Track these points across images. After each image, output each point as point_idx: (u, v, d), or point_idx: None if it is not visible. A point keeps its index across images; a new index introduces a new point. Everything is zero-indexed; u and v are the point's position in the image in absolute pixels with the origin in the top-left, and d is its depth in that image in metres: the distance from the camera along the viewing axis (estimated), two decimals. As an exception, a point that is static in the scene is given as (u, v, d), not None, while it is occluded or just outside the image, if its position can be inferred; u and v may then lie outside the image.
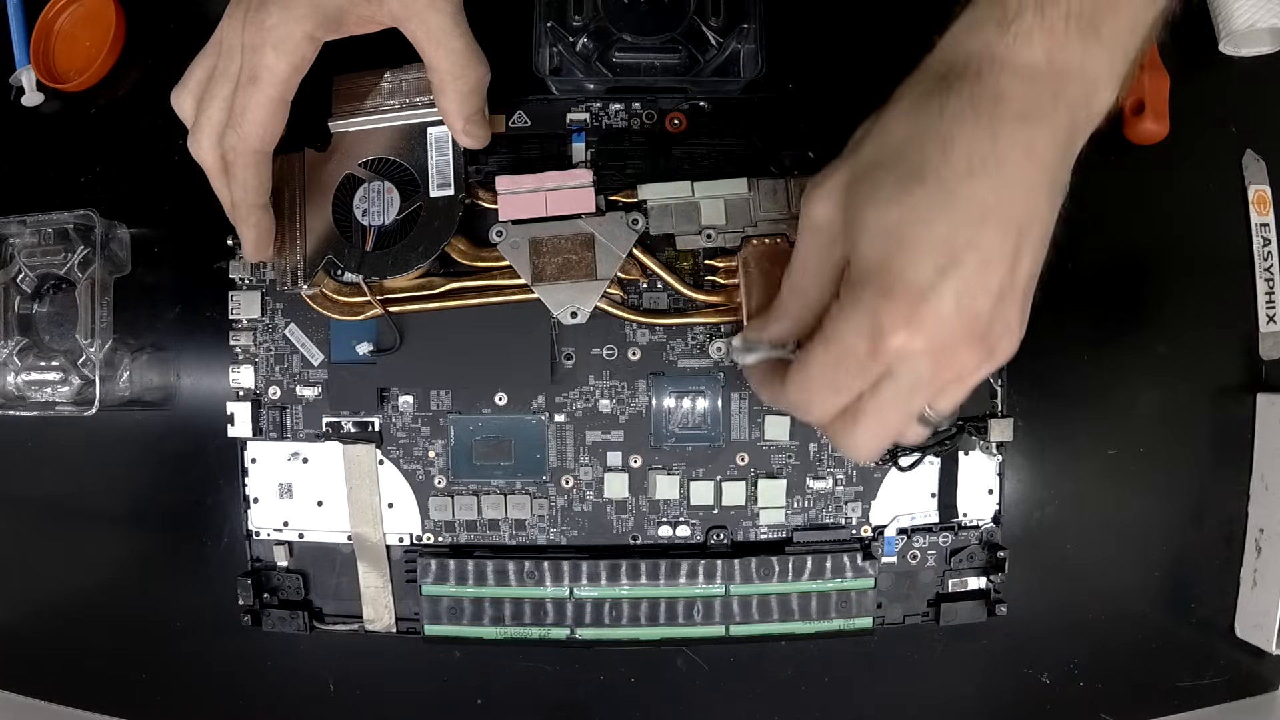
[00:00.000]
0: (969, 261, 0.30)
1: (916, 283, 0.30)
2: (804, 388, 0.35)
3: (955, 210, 0.30)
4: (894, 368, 0.32)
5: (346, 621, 0.49)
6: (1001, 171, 0.30)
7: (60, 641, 0.52)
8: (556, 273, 0.45)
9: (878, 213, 0.31)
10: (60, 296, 0.49)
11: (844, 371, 0.33)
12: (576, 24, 0.46)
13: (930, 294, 0.30)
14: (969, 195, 0.30)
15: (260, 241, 0.43)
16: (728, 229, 0.46)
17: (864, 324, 0.31)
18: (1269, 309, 0.50)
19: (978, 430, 0.47)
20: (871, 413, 0.34)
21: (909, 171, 0.31)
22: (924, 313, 0.30)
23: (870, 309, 0.31)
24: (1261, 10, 0.47)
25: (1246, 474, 0.50)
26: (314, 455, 0.48)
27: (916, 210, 0.31)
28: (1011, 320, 0.32)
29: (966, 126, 0.31)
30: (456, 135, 0.43)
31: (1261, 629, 0.49)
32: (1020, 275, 0.31)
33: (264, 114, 0.38)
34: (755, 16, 0.46)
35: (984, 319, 0.31)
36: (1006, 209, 0.31)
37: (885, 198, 0.31)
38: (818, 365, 0.34)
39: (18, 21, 0.52)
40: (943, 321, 0.30)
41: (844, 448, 0.36)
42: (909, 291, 0.30)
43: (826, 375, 0.34)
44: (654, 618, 0.47)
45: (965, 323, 0.31)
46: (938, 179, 0.30)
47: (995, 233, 0.30)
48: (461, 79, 0.40)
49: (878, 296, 0.31)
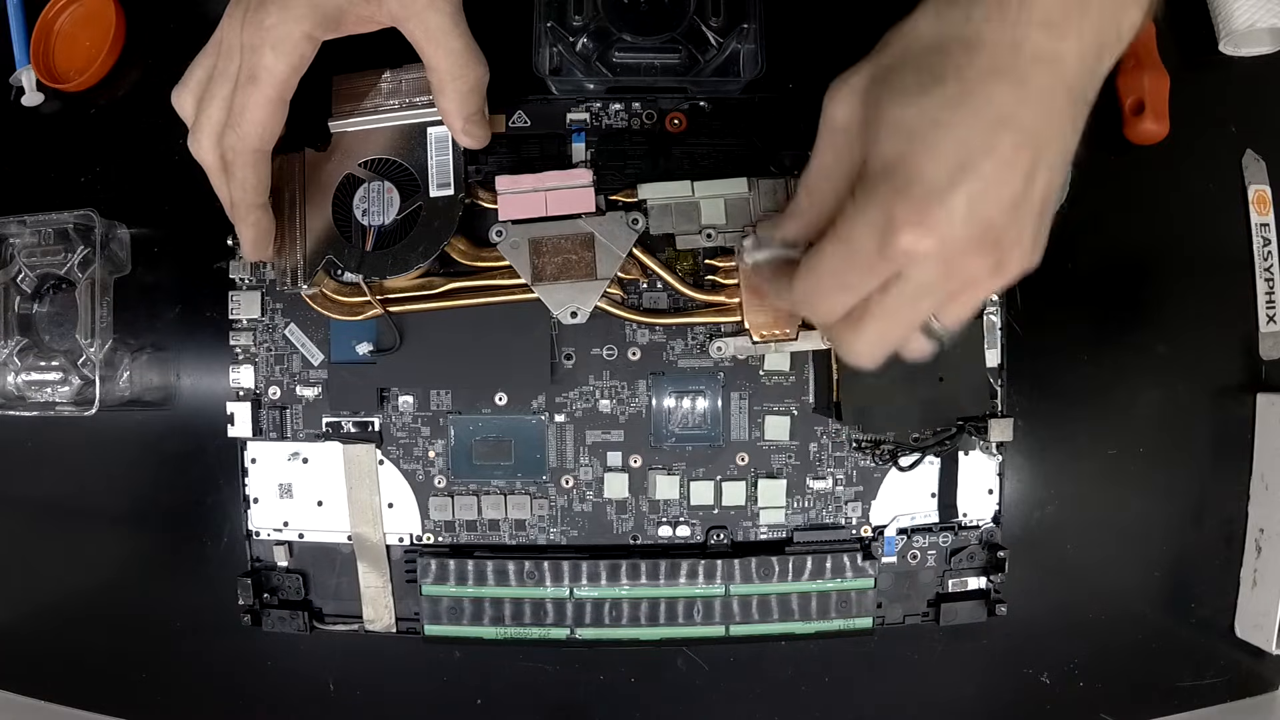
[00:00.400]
0: (984, 167, 0.30)
1: (931, 182, 0.30)
2: (812, 283, 0.34)
3: (975, 114, 0.30)
4: (904, 269, 0.32)
5: (346, 621, 0.49)
6: (1024, 80, 0.30)
7: (60, 641, 0.52)
8: (556, 272, 0.45)
9: (897, 110, 0.31)
10: (60, 296, 0.49)
11: (854, 268, 0.33)
12: (576, 24, 0.46)
13: (944, 195, 0.30)
14: (989, 100, 0.30)
15: (259, 241, 0.43)
16: (728, 229, 0.46)
17: (876, 221, 0.31)
18: (1269, 309, 0.50)
19: (978, 430, 0.47)
20: (877, 315, 0.33)
21: (931, 72, 0.31)
22: (936, 213, 0.30)
23: (883, 206, 0.31)
24: (1261, 10, 0.47)
25: (1246, 474, 0.50)
26: (314, 455, 0.48)
27: (936, 110, 0.30)
28: (1025, 235, 0.32)
29: (992, 30, 0.30)
30: (456, 135, 0.43)
31: (1261, 629, 0.49)
32: (1036, 190, 0.31)
33: (263, 113, 0.38)
34: (755, 16, 0.46)
35: (996, 227, 0.31)
36: (1026, 119, 0.30)
37: (905, 96, 0.31)
38: (828, 261, 0.33)
39: (18, 21, 0.52)
40: (954, 224, 0.30)
41: (847, 351, 0.36)
42: (923, 190, 0.30)
43: (836, 271, 0.33)
44: (654, 618, 0.47)
45: (976, 228, 0.30)
46: (959, 80, 0.30)
47: (1013, 142, 0.30)
48: (461, 79, 0.40)
49: (891, 194, 0.31)
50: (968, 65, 0.30)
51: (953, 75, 0.30)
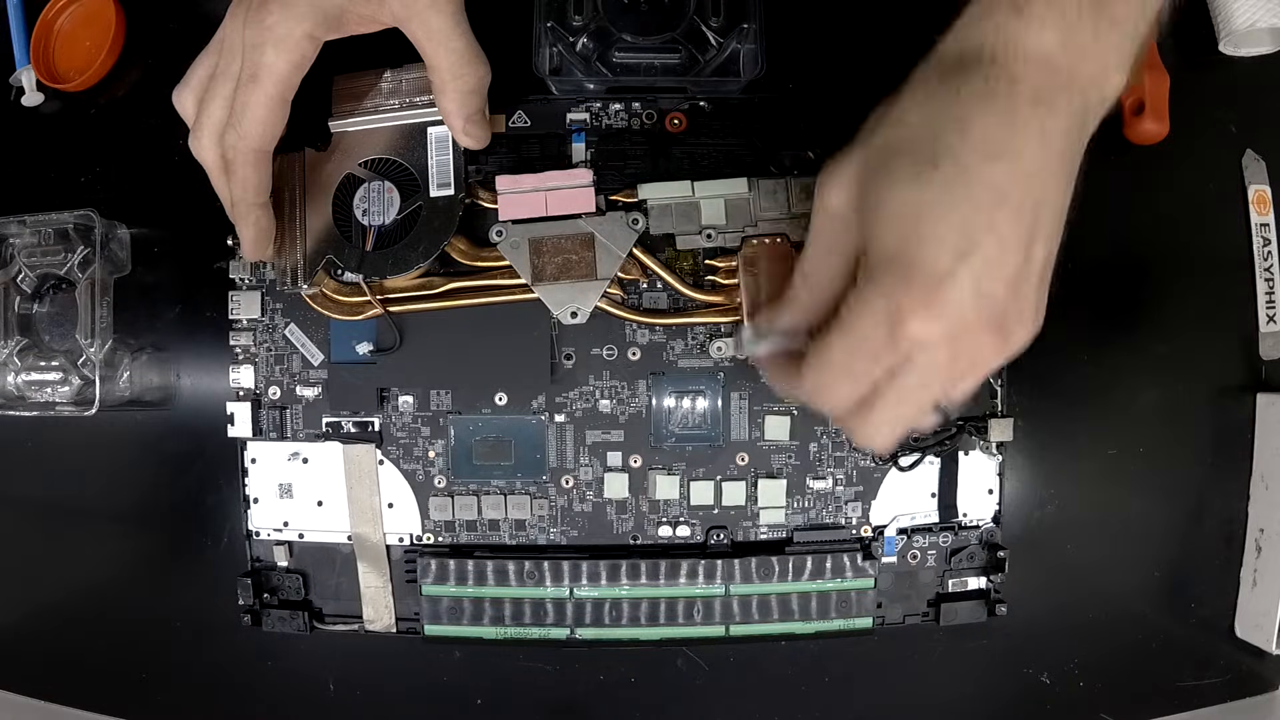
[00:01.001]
0: (986, 247, 0.30)
1: (935, 268, 0.30)
2: (821, 376, 0.35)
3: (972, 195, 0.30)
4: (912, 355, 0.32)
5: (346, 621, 0.49)
6: (1017, 156, 0.30)
7: (60, 641, 0.51)
8: (556, 272, 0.45)
9: (894, 198, 0.31)
10: (60, 296, 0.49)
11: (862, 359, 0.33)
12: (576, 24, 0.46)
13: (948, 280, 0.30)
14: (985, 180, 0.30)
15: (259, 240, 0.43)
16: (728, 229, 0.46)
17: (882, 311, 0.31)
18: (1269, 309, 0.50)
19: (978, 430, 0.47)
20: (888, 402, 0.34)
21: (925, 156, 0.31)
22: (942, 299, 0.30)
23: (888, 296, 0.31)
24: (1261, 10, 0.47)
25: (1246, 474, 0.50)
26: (314, 455, 0.48)
27: (933, 195, 0.31)
28: (1027, 308, 0.32)
29: (982, 110, 0.31)
30: (456, 135, 0.43)
31: (1261, 629, 0.49)
32: (1035, 261, 0.31)
33: (264, 112, 0.38)
34: (755, 16, 0.46)
35: (1000, 305, 0.31)
36: (1022, 194, 0.31)
37: (901, 183, 0.31)
38: (836, 353, 0.34)
39: (18, 21, 0.52)
40: (961, 308, 0.30)
41: (860, 438, 0.36)
42: (927, 277, 0.30)
43: (844, 363, 0.34)
44: (654, 618, 0.47)
45: (983, 309, 0.31)
46: (954, 162, 0.31)
47: (1011, 218, 0.30)
48: (462, 79, 0.40)
49: (896, 283, 0.31)
50: (960, 146, 0.31)
51: (947, 158, 0.31)
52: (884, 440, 0.35)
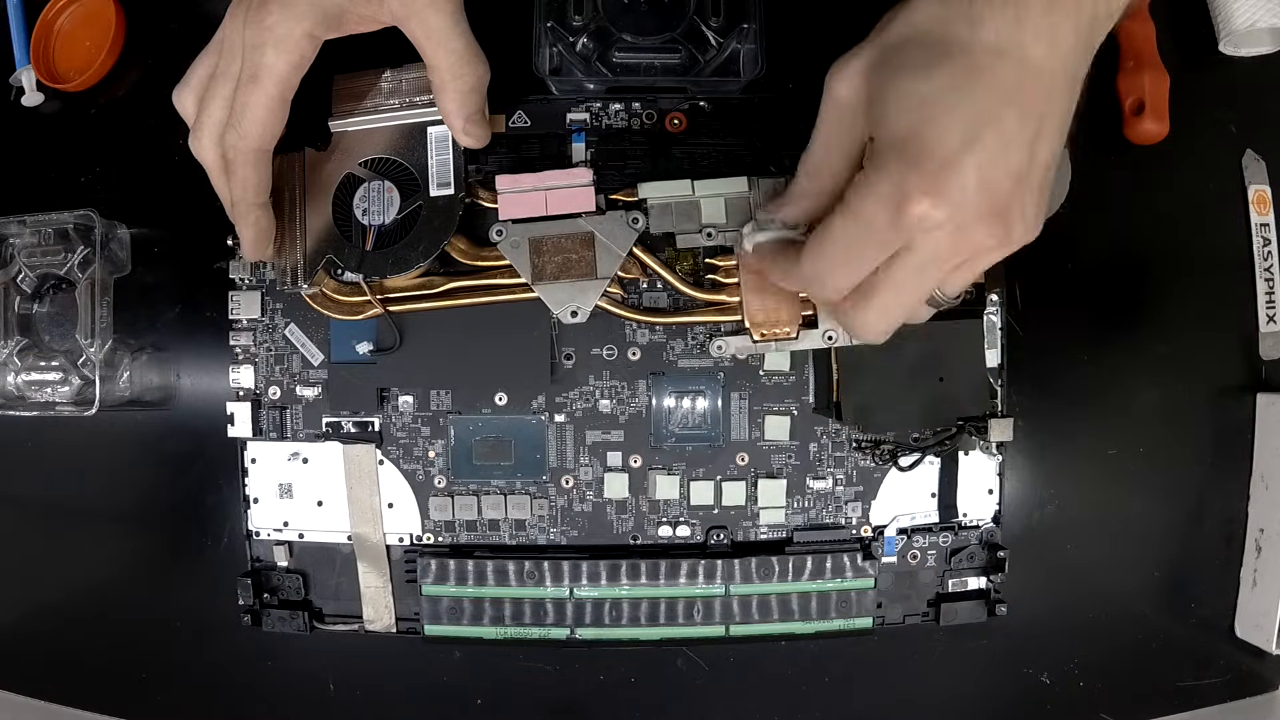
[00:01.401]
0: (992, 138, 0.31)
1: (942, 152, 0.31)
2: (821, 259, 0.35)
3: (980, 88, 0.31)
4: (914, 239, 0.33)
5: (346, 621, 0.49)
6: (1025, 56, 0.31)
7: (60, 641, 0.51)
8: (556, 272, 0.45)
9: (905, 87, 0.32)
10: (60, 296, 0.49)
11: (865, 241, 0.33)
12: (576, 24, 0.46)
13: (954, 165, 0.31)
14: (994, 75, 0.31)
15: (259, 240, 0.43)
16: (728, 228, 0.45)
17: (887, 193, 0.32)
18: (1269, 309, 0.50)
19: (978, 430, 0.47)
20: (886, 288, 0.34)
21: (937, 49, 0.32)
22: (947, 182, 0.31)
23: (895, 178, 0.32)
24: (1261, 10, 0.47)
25: (1246, 474, 0.50)
26: (314, 455, 0.48)
27: (943, 85, 0.31)
28: (1030, 205, 0.32)
29: (994, 12, 0.31)
30: (456, 135, 0.43)
31: (1261, 629, 0.49)
32: (1039, 162, 0.32)
33: (264, 112, 0.38)
34: (755, 16, 0.46)
35: (1004, 197, 0.32)
36: (1028, 93, 0.31)
37: (912, 72, 0.32)
38: (838, 235, 0.34)
39: (18, 21, 0.52)
40: (965, 193, 0.31)
41: (855, 326, 0.37)
42: (934, 161, 0.31)
43: (846, 246, 0.34)
44: (654, 618, 0.47)
45: (986, 197, 0.31)
46: (965, 56, 0.31)
47: (1017, 115, 0.31)
48: (461, 78, 0.40)
49: (903, 165, 0.31)
50: (973, 43, 0.31)
51: (959, 52, 0.31)
52: (879, 329, 0.36)
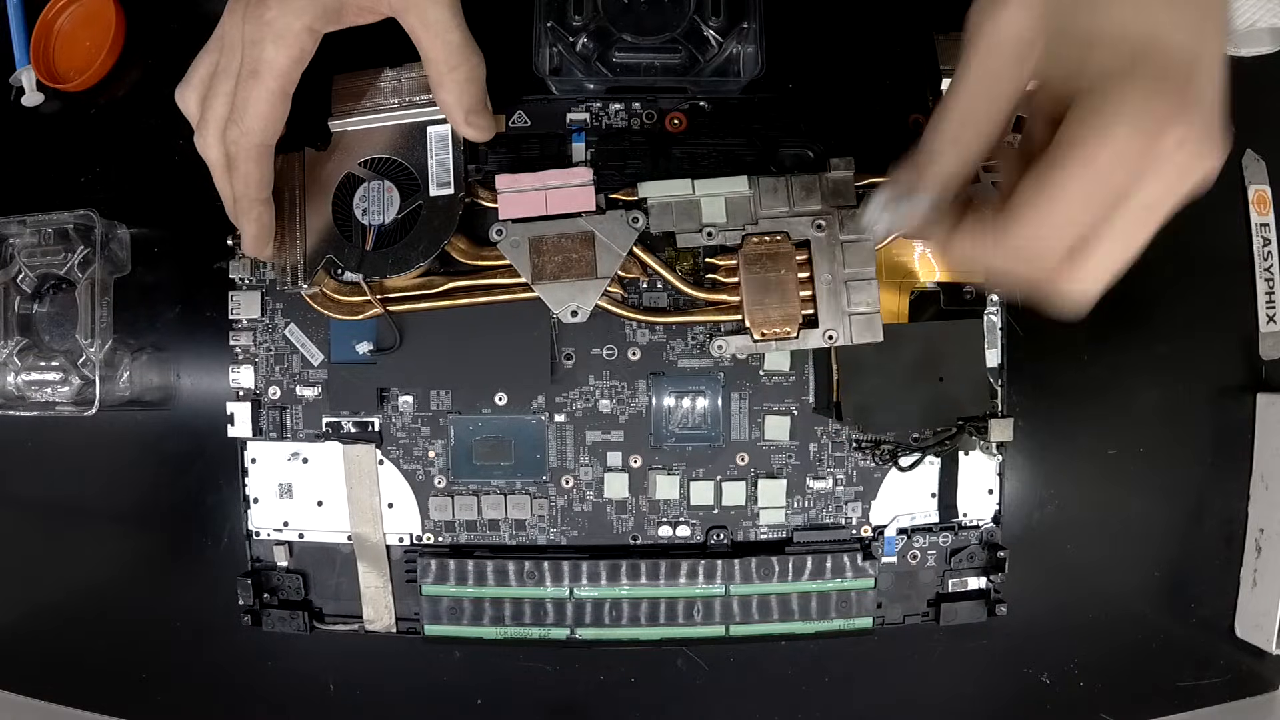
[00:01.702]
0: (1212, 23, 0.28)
1: (1182, 60, 0.27)
2: (1047, 221, 0.30)
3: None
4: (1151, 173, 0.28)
5: (346, 621, 0.49)
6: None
7: (60, 641, 0.51)
8: (557, 271, 0.45)
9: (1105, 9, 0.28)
10: (60, 296, 0.49)
11: (1104, 190, 0.29)
12: (576, 24, 0.46)
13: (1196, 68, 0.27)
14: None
15: (260, 236, 0.43)
16: (728, 227, 0.45)
17: (1132, 127, 0.27)
18: (1269, 309, 0.50)
19: (978, 430, 0.47)
20: (1112, 236, 0.30)
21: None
22: (1198, 91, 0.27)
23: (1138, 106, 0.27)
24: (1261, 10, 0.47)
25: (1246, 474, 0.50)
26: (314, 455, 0.48)
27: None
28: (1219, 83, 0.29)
29: None
30: (459, 127, 0.42)
31: (1261, 629, 0.49)
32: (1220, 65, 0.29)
33: (265, 107, 0.38)
34: (755, 16, 0.46)
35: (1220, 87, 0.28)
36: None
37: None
38: (1067, 189, 0.29)
39: (18, 21, 0.52)
40: (1209, 97, 0.28)
41: (1069, 291, 0.31)
42: (1178, 73, 0.27)
43: (1082, 199, 0.29)
44: (654, 618, 0.47)
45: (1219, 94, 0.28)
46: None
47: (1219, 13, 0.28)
48: (458, 69, 0.40)
49: (1144, 89, 0.27)
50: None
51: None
52: (1097, 289, 0.31)
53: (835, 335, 0.43)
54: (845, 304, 0.43)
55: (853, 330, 0.43)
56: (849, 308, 0.43)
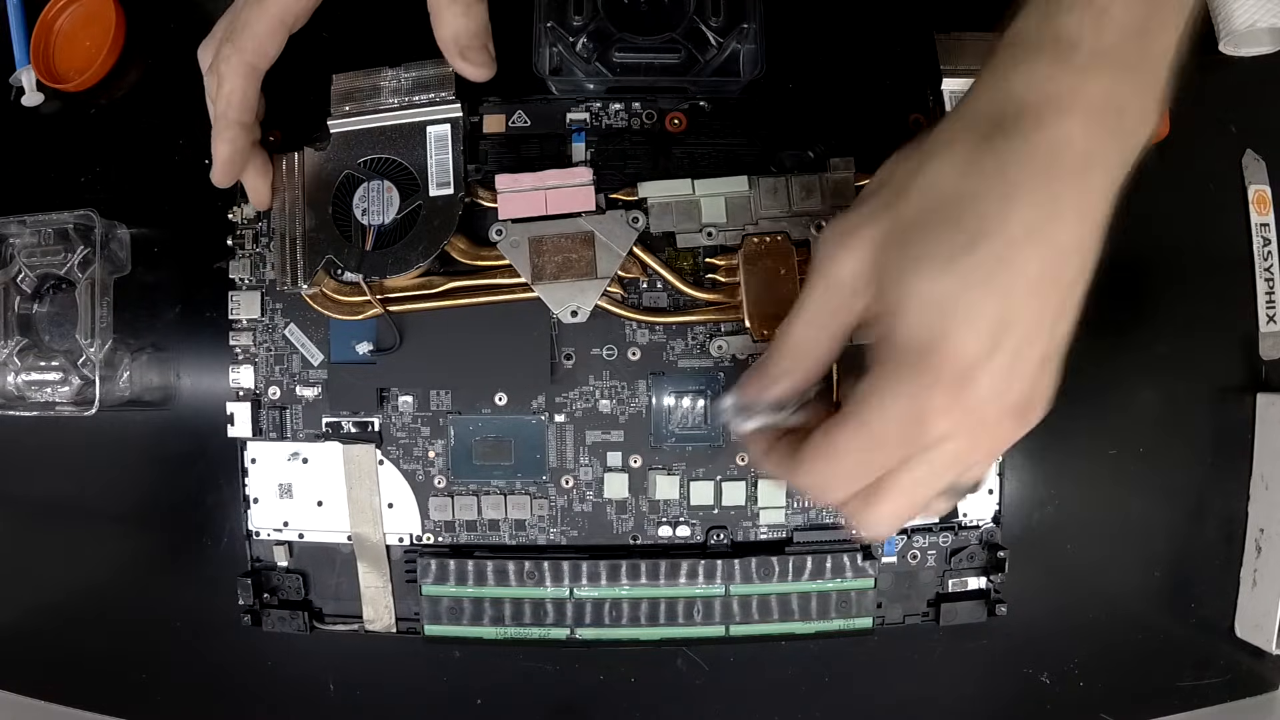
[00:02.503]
0: (1016, 336, 0.28)
1: (964, 362, 0.28)
2: (826, 471, 0.32)
3: (1009, 283, 0.28)
4: (929, 448, 0.30)
5: (346, 621, 0.49)
6: (1057, 235, 0.28)
7: (60, 641, 0.51)
8: (556, 271, 0.45)
9: (926, 284, 0.29)
10: (60, 296, 0.49)
11: (877, 454, 0.31)
12: (576, 24, 0.46)
13: (978, 373, 0.28)
14: (1024, 265, 0.28)
15: (233, 159, 0.42)
16: (729, 227, 0.46)
17: (906, 408, 0.29)
18: (1269, 309, 0.50)
19: (978, 430, 0.47)
20: (897, 491, 0.32)
21: (962, 237, 0.28)
22: (971, 394, 0.28)
23: (913, 391, 0.29)
24: (1261, 10, 0.47)
25: (1246, 474, 0.50)
26: (314, 455, 0.48)
27: (970, 283, 0.28)
28: (1048, 386, 0.30)
29: (1028, 186, 0.28)
30: (454, 63, 0.42)
31: (1261, 629, 0.49)
32: (1059, 339, 0.30)
33: (263, 28, 0.39)
34: (755, 16, 0.46)
35: (1026, 392, 0.29)
36: (1056, 274, 0.28)
37: (935, 265, 0.28)
38: (846, 448, 0.31)
39: (18, 21, 0.52)
40: (988, 401, 0.29)
41: (864, 528, 0.34)
42: (957, 373, 0.28)
43: (856, 459, 0.31)
44: (654, 618, 0.47)
45: (1010, 398, 0.29)
46: (991, 247, 0.28)
47: (1041, 302, 0.28)
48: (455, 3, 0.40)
49: (922, 377, 0.29)
50: (1001, 230, 0.28)
51: (985, 243, 0.28)
52: (889, 530, 0.34)
53: (835, 335, 0.43)
54: (845, 304, 0.43)
55: (853, 330, 0.43)
56: (849, 308, 0.43)
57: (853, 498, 0.33)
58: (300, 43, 0.42)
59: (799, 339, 0.33)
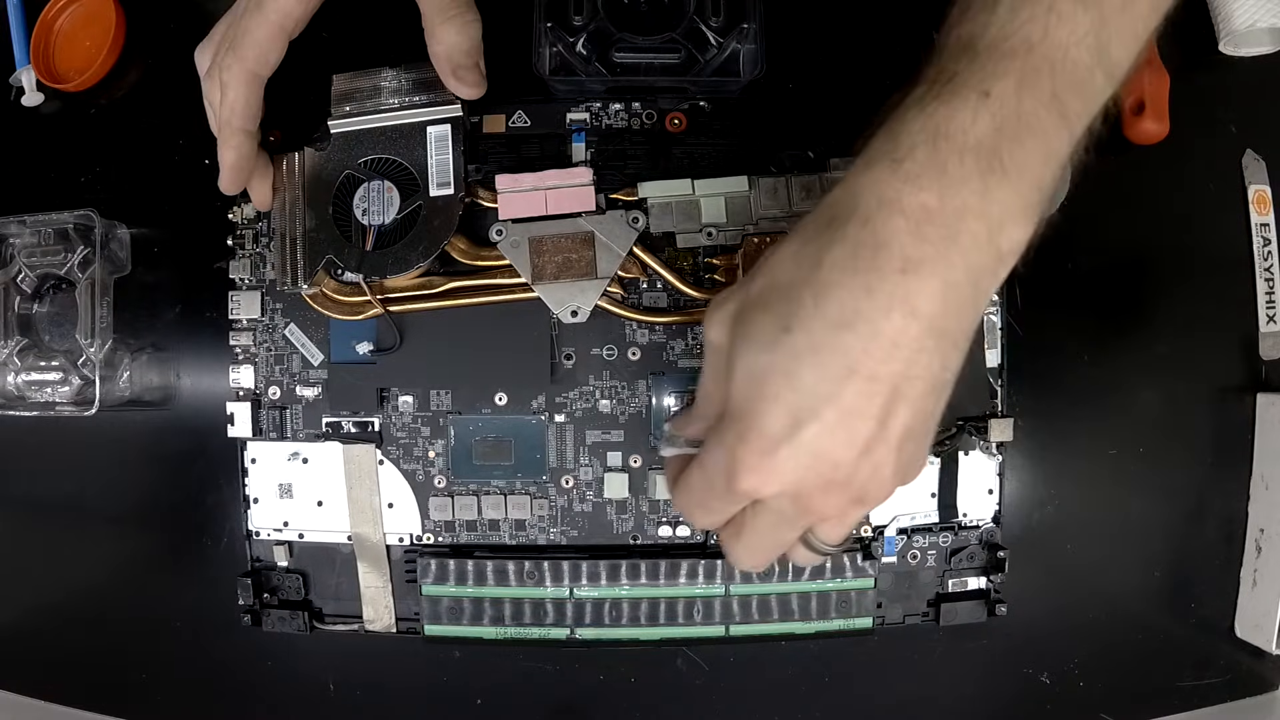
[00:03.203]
0: (827, 416, 0.29)
1: (769, 433, 0.30)
2: (682, 500, 0.36)
3: (820, 365, 0.29)
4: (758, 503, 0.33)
5: (346, 621, 0.49)
6: (874, 328, 0.29)
7: (60, 641, 0.51)
8: (556, 271, 0.45)
9: (747, 356, 0.31)
10: (60, 296, 0.49)
11: (711, 497, 0.34)
12: (576, 24, 0.46)
13: (783, 445, 0.30)
14: (835, 349, 0.29)
15: (239, 166, 0.43)
16: (728, 227, 0.46)
17: (722, 461, 0.32)
18: (1269, 309, 0.50)
19: (978, 430, 0.47)
20: (749, 532, 0.35)
21: (782, 318, 0.30)
22: (775, 462, 0.30)
23: (728, 449, 0.31)
24: (1261, 10, 0.47)
25: (1246, 474, 0.50)
26: (314, 455, 0.48)
27: (781, 361, 0.30)
28: (884, 470, 0.31)
29: (842, 278, 0.29)
30: (446, 80, 0.43)
31: (1261, 629, 0.49)
32: (894, 428, 0.30)
33: (263, 36, 0.39)
34: (755, 16, 0.46)
35: (844, 469, 0.30)
36: (876, 364, 0.29)
37: (756, 342, 0.31)
38: (693, 484, 0.35)
39: (18, 21, 0.52)
40: (796, 472, 0.31)
41: (730, 558, 0.37)
42: (761, 440, 0.30)
43: (697, 496, 0.35)
44: (654, 618, 0.47)
45: (822, 472, 0.31)
46: (806, 331, 0.30)
47: (861, 389, 0.29)
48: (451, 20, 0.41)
49: (735, 438, 0.31)
50: (814, 315, 0.30)
51: (800, 326, 0.30)
52: (749, 565, 0.37)
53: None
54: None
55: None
56: (849, 308, 0.43)
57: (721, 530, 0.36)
58: (300, 43, 0.42)
59: (701, 388, 0.36)
